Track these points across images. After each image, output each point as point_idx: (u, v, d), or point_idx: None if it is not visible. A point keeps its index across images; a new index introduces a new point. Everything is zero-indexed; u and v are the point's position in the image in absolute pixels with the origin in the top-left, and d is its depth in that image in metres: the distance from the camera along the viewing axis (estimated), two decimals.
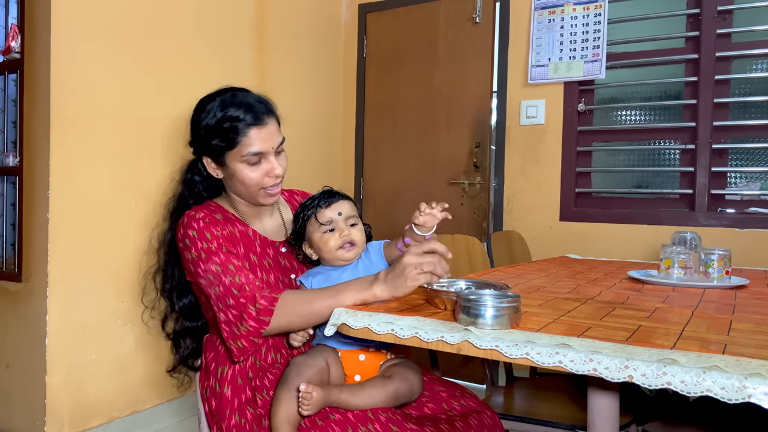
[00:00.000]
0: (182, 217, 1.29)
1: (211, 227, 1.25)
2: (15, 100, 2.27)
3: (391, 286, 1.08)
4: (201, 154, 1.32)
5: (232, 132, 1.24)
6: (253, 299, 1.15)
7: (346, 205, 1.29)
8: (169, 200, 1.39)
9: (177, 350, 1.40)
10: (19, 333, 2.17)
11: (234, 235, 1.30)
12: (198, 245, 1.23)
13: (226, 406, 1.22)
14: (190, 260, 1.24)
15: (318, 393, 1.08)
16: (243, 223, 1.34)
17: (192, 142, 1.34)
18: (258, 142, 1.26)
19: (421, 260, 1.07)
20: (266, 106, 1.31)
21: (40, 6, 2.07)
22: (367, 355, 1.23)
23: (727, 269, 1.53)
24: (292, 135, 3.17)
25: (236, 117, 1.24)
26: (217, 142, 1.26)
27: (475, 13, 3.10)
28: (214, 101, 1.29)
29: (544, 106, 2.97)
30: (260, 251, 1.33)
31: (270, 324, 1.15)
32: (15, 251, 2.23)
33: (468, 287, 1.15)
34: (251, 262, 1.29)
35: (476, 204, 3.13)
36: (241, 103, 1.27)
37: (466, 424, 1.21)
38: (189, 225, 1.25)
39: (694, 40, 2.70)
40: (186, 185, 1.38)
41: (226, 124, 1.24)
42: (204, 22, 2.63)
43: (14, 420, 2.18)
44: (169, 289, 1.37)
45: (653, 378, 0.74)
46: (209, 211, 1.30)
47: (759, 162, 2.67)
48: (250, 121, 1.25)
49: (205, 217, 1.27)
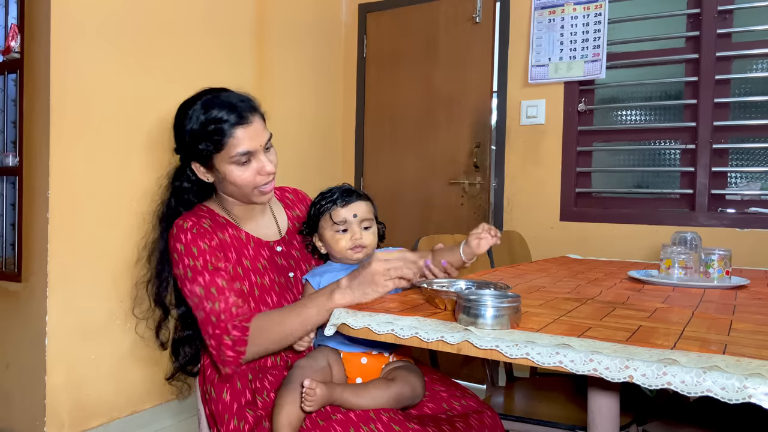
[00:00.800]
0: (172, 226, 1.27)
1: (198, 240, 1.23)
2: (15, 100, 2.27)
3: (359, 293, 1.09)
4: (189, 160, 1.30)
5: (218, 134, 1.22)
6: (226, 330, 1.16)
7: (362, 207, 1.28)
8: (158, 207, 1.36)
9: (176, 358, 1.38)
10: (19, 333, 2.17)
11: (225, 241, 1.28)
12: (185, 261, 1.22)
13: (225, 411, 1.22)
14: (178, 276, 1.25)
15: (321, 389, 1.08)
16: (235, 227, 1.32)
17: (178, 148, 1.31)
18: (245, 141, 1.23)
19: (388, 266, 1.08)
20: (249, 103, 1.28)
21: (40, 6, 2.07)
22: (370, 358, 1.23)
23: (728, 269, 1.52)
24: (292, 135, 3.19)
25: (220, 118, 1.22)
26: (204, 146, 1.23)
27: (475, 13, 3.10)
28: (195, 104, 1.26)
29: (544, 106, 2.97)
30: (253, 254, 1.31)
31: (246, 353, 1.17)
32: (15, 251, 2.23)
33: (468, 287, 1.14)
34: (244, 268, 1.28)
35: (476, 204, 3.13)
36: (223, 103, 1.24)
37: (467, 424, 1.21)
38: (177, 237, 1.24)
39: (694, 40, 2.70)
40: (174, 192, 1.35)
41: (211, 126, 1.22)
42: (204, 22, 2.63)
43: (14, 420, 2.18)
44: (165, 298, 1.34)
45: (653, 378, 0.74)
46: (198, 218, 1.27)
47: (759, 162, 2.67)
48: (235, 121, 1.22)
49: (193, 226, 1.24)
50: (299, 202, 1.51)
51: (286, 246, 1.38)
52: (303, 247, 1.41)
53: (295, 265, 1.38)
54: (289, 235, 1.41)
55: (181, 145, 1.29)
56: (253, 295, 1.27)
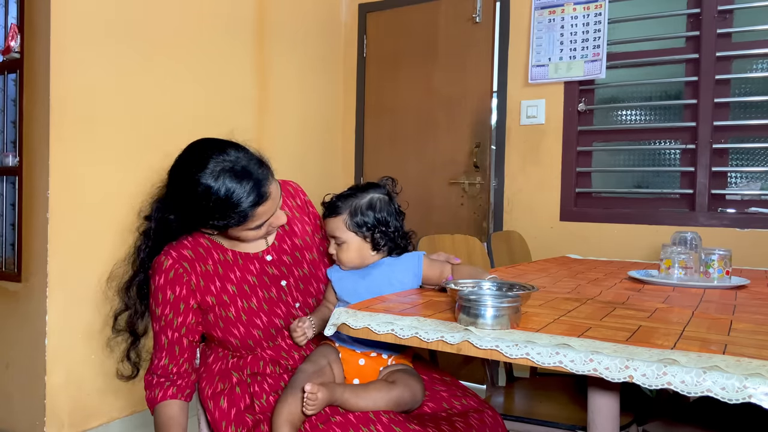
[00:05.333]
0: (154, 261, 1.27)
1: (167, 288, 1.23)
2: (15, 99, 2.27)
3: None
4: (194, 226, 1.25)
5: (239, 215, 1.17)
6: (149, 386, 1.28)
7: (330, 224, 1.26)
8: (139, 239, 1.31)
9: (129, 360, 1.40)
10: (19, 333, 2.17)
11: (207, 273, 1.26)
12: (152, 302, 1.27)
13: (222, 418, 1.23)
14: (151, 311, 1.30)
15: (323, 393, 1.08)
16: (221, 248, 1.30)
17: (177, 210, 1.23)
18: (264, 215, 1.20)
19: None
20: (267, 170, 1.22)
21: (40, 6, 2.07)
22: (368, 360, 1.23)
23: (728, 269, 1.52)
24: (291, 135, 3.19)
25: (240, 199, 1.15)
26: (218, 223, 1.19)
27: (475, 13, 3.10)
28: (205, 170, 1.15)
29: (544, 106, 2.97)
30: (240, 275, 1.29)
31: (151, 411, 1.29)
32: (14, 251, 2.23)
33: (492, 287, 1.09)
34: (230, 295, 1.27)
35: (476, 204, 3.13)
36: (242, 174, 1.16)
37: (467, 423, 1.21)
38: (152, 276, 1.26)
39: (694, 39, 2.70)
40: (159, 224, 1.28)
41: (231, 210, 1.16)
42: (204, 21, 2.63)
43: (14, 420, 2.18)
44: (138, 327, 1.34)
45: (653, 378, 0.74)
46: (179, 251, 1.26)
47: (759, 162, 2.67)
48: (256, 201, 1.17)
49: (171, 268, 1.24)
50: (287, 197, 1.42)
51: (277, 253, 1.34)
52: (294, 249, 1.37)
53: (287, 271, 1.34)
54: (278, 240, 1.37)
55: (185, 212, 1.22)
56: (241, 320, 1.27)
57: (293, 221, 1.40)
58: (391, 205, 1.28)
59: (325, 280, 1.37)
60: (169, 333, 1.26)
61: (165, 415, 1.25)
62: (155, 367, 1.27)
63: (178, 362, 1.27)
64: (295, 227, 1.40)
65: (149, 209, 1.31)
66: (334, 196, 1.28)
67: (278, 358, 1.29)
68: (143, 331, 1.35)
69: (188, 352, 1.28)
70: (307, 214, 1.45)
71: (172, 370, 1.27)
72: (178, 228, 1.28)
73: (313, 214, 1.46)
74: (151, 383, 1.28)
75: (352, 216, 1.23)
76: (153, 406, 1.28)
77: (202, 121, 2.61)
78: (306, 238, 1.40)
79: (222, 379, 1.28)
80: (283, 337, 1.30)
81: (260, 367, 1.28)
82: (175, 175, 1.21)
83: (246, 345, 1.28)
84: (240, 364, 1.29)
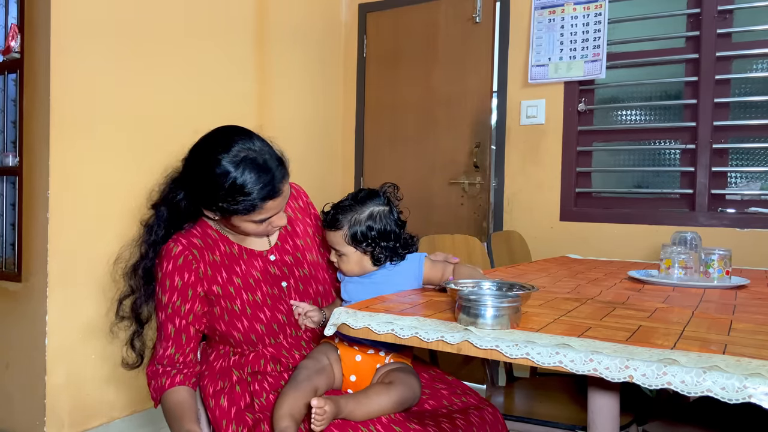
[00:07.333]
0: (162, 248, 1.27)
1: (175, 274, 1.24)
2: (15, 99, 2.27)
3: None
4: (200, 204, 1.25)
5: (248, 204, 1.18)
6: (154, 376, 1.26)
7: (330, 237, 1.26)
8: (149, 218, 1.32)
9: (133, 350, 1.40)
10: (19, 333, 2.17)
11: (215, 263, 1.27)
12: (158, 291, 1.26)
13: (223, 417, 1.22)
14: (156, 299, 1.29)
15: (330, 407, 1.05)
16: (228, 241, 1.31)
17: (188, 186, 1.24)
18: (271, 210, 1.22)
19: None
20: (284, 169, 1.23)
21: (40, 6, 2.07)
22: (364, 356, 1.23)
23: (728, 269, 1.53)
24: (291, 134, 3.18)
25: (252, 190, 1.17)
26: (227, 206, 1.19)
27: (475, 13, 3.10)
28: (227, 153, 1.17)
29: (544, 106, 2.97)
30: (246, 268, 1.30)
31: (153, 398, 1.28)
32: (15, 251, 2.23)
33: (492, 287, 1.09)
34: (235, 286, 1.28)
35: (476, 204, 3.13)
36: (262, 166, 1.18)
37: (467, 420, 1.21)
38: (160, 262, 1.26)
39: (694, 39, 2.70)
40: (169, 207, 1.29)
41: (242, 197, 1.17)
42: (204, 21, 2.63)
43: (14, 420, 2.18)
44: (142, 313, 1.33)
45: (653, 378, 0.74)
46: (189, 238, 1.27)
47: (759, 162, 2.67)
48: (268, 195, 1.18)
49: (181, 254, 1.24)
50: (291, 199, 1.42)
51: (279, 253, 1.36)
52: (296, 249, 1.38)
53: (288, 273, 1.34)
54: (281, 240, 1.38)
55: (197, 190, 1.23)
56: (245, 314, 1.27)
57: (296, 222, 1.41)
58: (391, 215, 1.26)
59: (324, 281, 1.39)
60: (176, 321, 1.25)
61: (174, 401, 1.23)
62: (160, 357, 1.26)
63: (184, 351, 1.26)
64: (297, 228, 1.42)
65: (161, 188, 1.32)
66: (333, 208, 1.26)
67: (279, 356, 1.29)
68: (147, 317, 1.34)
69: (194, 342, 1.28)
70: (309, 216, 1.46)
71: (178, 360, 1.26)
72: (186, 208, 1.28)
73: (315, 216, 1.47)
74: (157, 373, 1.26)
75: (352, 230, 1.23)
76: (160, 395, 1.25)
77: (202, 121, 2.59)
78: (307, 239, 1.42)
79: (222, 377, 1.28)
80: (285, 334, 1.31)
81: (261, 365, 1.28)
82: (197, 152, 1.23)
83: (248, 340, 1.28)
84: (241, 362, 1.29)
